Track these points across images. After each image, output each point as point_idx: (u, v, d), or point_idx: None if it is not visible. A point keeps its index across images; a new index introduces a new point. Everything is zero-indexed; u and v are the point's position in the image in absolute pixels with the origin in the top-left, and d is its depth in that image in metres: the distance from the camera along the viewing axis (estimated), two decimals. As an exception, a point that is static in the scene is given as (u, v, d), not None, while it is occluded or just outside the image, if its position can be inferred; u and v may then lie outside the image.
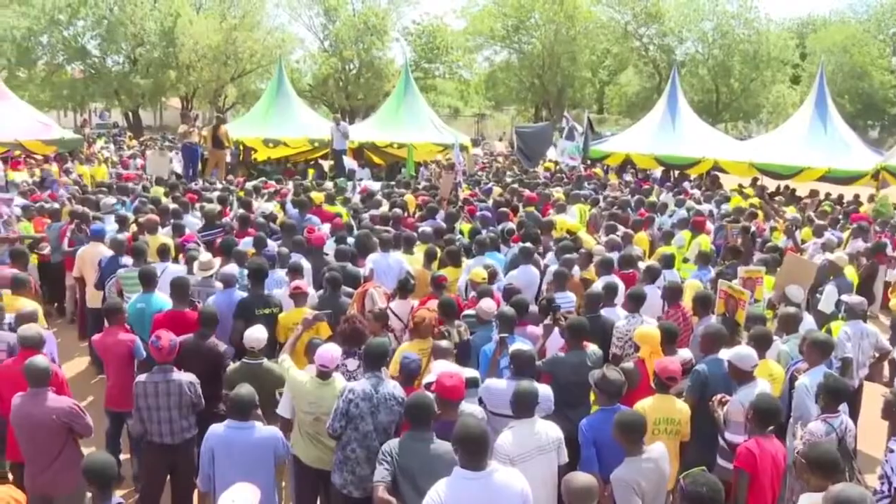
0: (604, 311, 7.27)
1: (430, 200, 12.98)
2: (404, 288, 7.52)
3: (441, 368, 5.30)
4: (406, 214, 11.97)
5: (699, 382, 5.82)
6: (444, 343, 5.95)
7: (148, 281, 7.46)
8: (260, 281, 7.39)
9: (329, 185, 15.70)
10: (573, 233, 10.80)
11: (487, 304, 6.77)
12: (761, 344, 6.13)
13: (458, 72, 55.15)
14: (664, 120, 22.15)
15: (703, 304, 7.35)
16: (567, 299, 7.72)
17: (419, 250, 9.21)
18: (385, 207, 12.63)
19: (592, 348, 6.25)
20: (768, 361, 6.22)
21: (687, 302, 7.70)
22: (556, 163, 23.09)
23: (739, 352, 5.67)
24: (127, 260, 8.67)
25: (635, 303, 7.16)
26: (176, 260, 9.05)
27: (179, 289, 7.05)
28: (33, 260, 10.77)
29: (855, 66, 48.02)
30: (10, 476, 6.02)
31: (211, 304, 7.08)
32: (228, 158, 20.51)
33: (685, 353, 6.44)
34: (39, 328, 6.14)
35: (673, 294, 7.66)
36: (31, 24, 39.38)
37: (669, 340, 6.29)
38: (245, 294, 7.41)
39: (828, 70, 27.44)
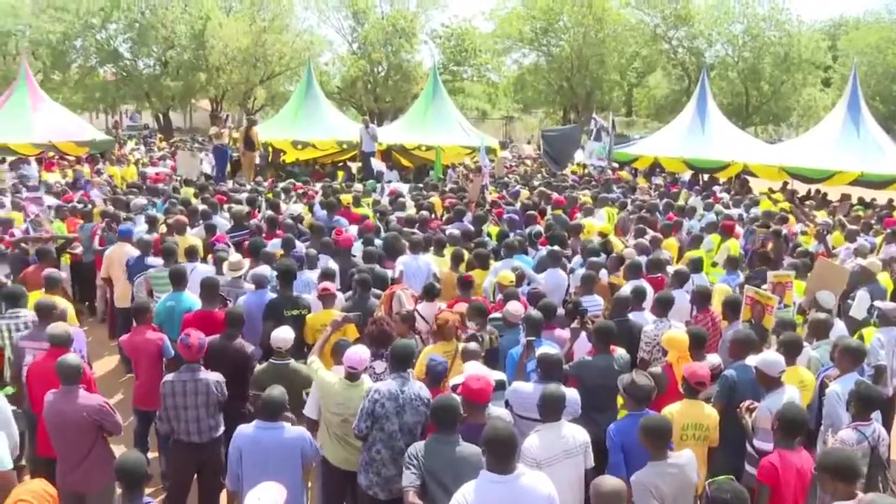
0: (632, 315, 7.22)
1: (458, 203, 12.98)
2: (430, 292, 7.53)
3: (472, 370, 5.30)
4: (433, 217, 11.98)
5: (727, 388, 5.75)
6: (472, 345, 5.94)
7: (178, 280, 7.55)
8: (288, 282, 7.45)
9: (359, 186, 15.76)
10: (605, 235, 10.73)
11: (514, 307, 6.76)
12: (791, 350, 6.04)
13: (487, 74, 55.09)
14: (693, 123, 21.96)
15: (732, 309, 7.28)
16: (594, 303, 7.68)
17: (448, 252, 9.22)
18: (412, 210, 12.65)
19: (620, 352, 6.21)
20: (798, 368, 6.13)
21: (716, 306, 7.63)
22: (584, 165, 22.99)
23: (766, 358, 5.60)
24: (153, 260, 8.79)
25: (663, 307, 7.11)
26: (204, 260, 9.14)
27: (209, 289, 7.13)
28: (65, 260, 10.95)
29: (889, 68, 47.02)
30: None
31: (239, 305, 7.14)
32: (257, 160, 20.71)
33: (714, 359, 6.37)
34: (68, 326, 6.22)
35: (702, 298, 7.60)
36: (66, 28, 40.19)
37: (698, 345, 6.23)
38: (274, 295, 7.47)
39: (861, 71, 26.94)
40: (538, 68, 51.00)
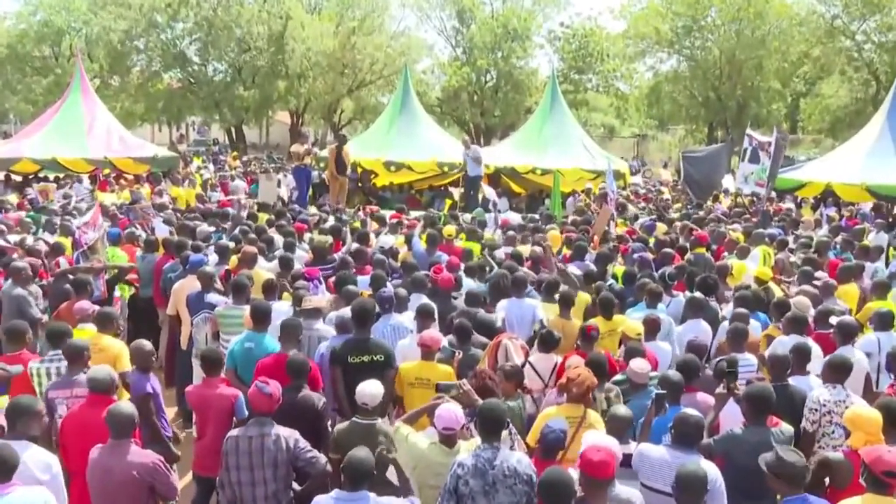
0: (792, 380, 6.96)
1: (579, 237, 12.91)
2: (547, 341, 7.49)
3: (592, 440, 5.22)
4: (549, 253, 11.93)
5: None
6: (622, 409, 5.92)
7: (260, 319, 7.70)
8: (363, 325, 7.51)
9: (466, 216, 15.91)
10: (764, 282, 10.44)
11: (639, 365, 6.70)
12: None
13: (615, 84, 54.80)
14: (881, 140, 20.78)
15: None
16: (746, 363, 7.46)
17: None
18: (526, 245, 12.63)
19: (782, 426, 5.99)
20: None
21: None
22: (736, 194, 22.43)
23: None
24: (213, 297, 9.02)
25: (837, 373, 6.80)
26: (280, 298, 9.25)
27: (290, 331, 7.27)
28: (124, 294, 11.35)
29: None
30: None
31: (299, 354, 7.13)
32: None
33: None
34: (111, 370, 6.25)
35: (899, 362, 7.25)
36: (128, 26, 41.58)
37: (893, 424, 5.86)
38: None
39: None
40: (678, 76, 50.32)
